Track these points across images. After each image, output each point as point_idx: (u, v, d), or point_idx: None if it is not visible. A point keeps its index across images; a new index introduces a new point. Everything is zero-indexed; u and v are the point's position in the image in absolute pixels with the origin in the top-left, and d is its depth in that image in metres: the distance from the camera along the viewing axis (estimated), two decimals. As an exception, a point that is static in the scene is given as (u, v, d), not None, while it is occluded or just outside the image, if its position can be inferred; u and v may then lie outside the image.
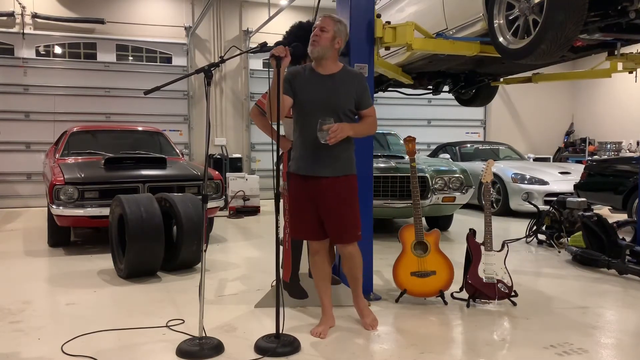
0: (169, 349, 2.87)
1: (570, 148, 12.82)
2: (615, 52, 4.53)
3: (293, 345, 2.87)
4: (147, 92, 2.91)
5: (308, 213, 3.06)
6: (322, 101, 2.99)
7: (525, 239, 6.10)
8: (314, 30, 3.03)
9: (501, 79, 6.19)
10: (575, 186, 7.52)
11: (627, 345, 3.04)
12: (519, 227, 6.75)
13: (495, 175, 7.90)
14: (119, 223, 4.60)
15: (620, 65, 4.77)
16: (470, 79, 6.16)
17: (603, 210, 7.60)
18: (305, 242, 3.66)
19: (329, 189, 3.00)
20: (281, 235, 3.32)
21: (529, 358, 2.82)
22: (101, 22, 10.15)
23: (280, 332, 2.88)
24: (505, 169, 8.38)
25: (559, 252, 5.56)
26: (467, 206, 6.96)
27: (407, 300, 3.75)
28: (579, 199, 5.90)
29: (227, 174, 9.02)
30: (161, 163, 6.14)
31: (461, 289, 3.75)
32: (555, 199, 6.18)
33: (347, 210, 3.01)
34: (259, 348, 2.85)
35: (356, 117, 3.12)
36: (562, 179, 8.19)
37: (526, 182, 8.06)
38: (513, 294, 3.67)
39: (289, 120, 3.61)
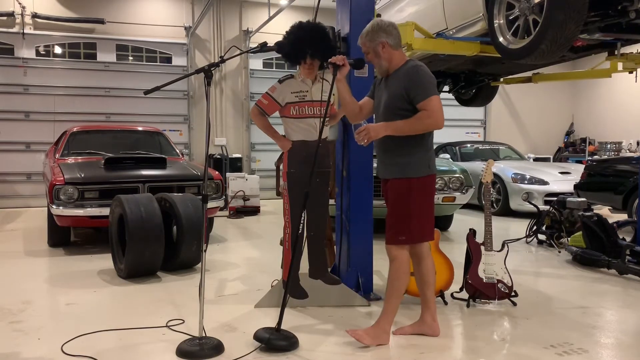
0: (169, 349, 2.87)
1: (571, 148, 12.82)
2: (615, 52, 4.52)
3: (291, 340, 2.89)
4: (147, 92, 2.91)
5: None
6: (378, 104, 3.06)
7: (525, 239, 6.09)
8: None
9: (501, 79, 6.19)
10: (575, 186, 7.52)
11: (627, 345, 3.04)
12: (519, 227, 6.75)
13: (495, 175, 7.90)
14: (119, 223, 4.60)
15: (620, 65, 4.77)
16: (470, 79, 6.16)
17: (603, 210, 7.59)
18: (305, 242, 3.65)
19: (386, 189, 3.08)
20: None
21: (529, 358, 2.82)
22: (101, 22, 10.15)
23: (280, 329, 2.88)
24: (505, 169, 8.38)
25: (559, 252, 5.56)
26: (467, 206, 6.96)
27: (407, 300, 3.73)
28: (579, 199, 5.90)
29: (227, 174, 9.02)
30: (161, 163, 6.13)
31: (461, 289, 3.75)
32: (555, 199, 6.18)
33: (392, 211, 3.01)
34: (258, 337, 2.89)
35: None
36: (562, 179, 8.19)
37: (526, 182, 8.06)
38: (513, 294, 3.67)
39: (289, 120, 3.62)
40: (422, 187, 2.97)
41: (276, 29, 8.65)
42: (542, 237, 6.01)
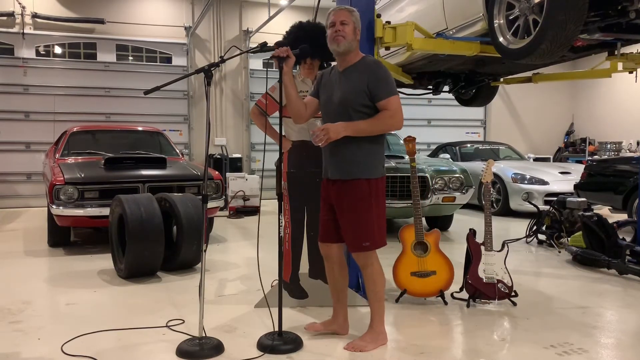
0: (169, 349, 2.87)
1: (571, 148, 12.82)
2: (615, 52, 4.52)
3: (295, 343, 2.88)
4: (147, 92, 2.91)
5: (322, 213, 3.02)
6: (332, 100, 2.88)
7: (525, 239, 6.10)
8: (331, 27, 2.84)
9: (501, 79, 6.18)
10: (575, 186, 7.52)
11: (627, 345, 3.03)
12: (519, 227, 6.75)
13: (495, 175, 7.90)
14: (119, 223, 4.60)
15: (620, 65, 4.76)
16: (470, 79, 6.15)
17: (603, 210, 7.60)
18: (305, 242, 3.66)
19: (339, 193, 2.87)
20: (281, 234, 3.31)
21: (529, 358, 2.82)
22: (101, 22, 10.16)
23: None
24: (505, 169, 8.38)
25: (559, 252, 5.56)
26: (467, 206, 6.95)
27: (407, 300, 3.74)
28: (579, 199, 5.90)
29: (227, 174, 9.02)
30: (161, 163, 6.14)
31: (461, 289, 3.75)
32: (555, 199, 6.18)
33: (353, 217, 2.84)
34: (261, 345, 2.86)
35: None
36: (562, 179, 8.19)
37: (526, 182, 8.06)
38: (513, 294, 3.66)
39: (289, 120, 3.61)
40: (380, 187, 2.87)
41: (276, 29, 8.65)
42: (542, 237, 6.00)
